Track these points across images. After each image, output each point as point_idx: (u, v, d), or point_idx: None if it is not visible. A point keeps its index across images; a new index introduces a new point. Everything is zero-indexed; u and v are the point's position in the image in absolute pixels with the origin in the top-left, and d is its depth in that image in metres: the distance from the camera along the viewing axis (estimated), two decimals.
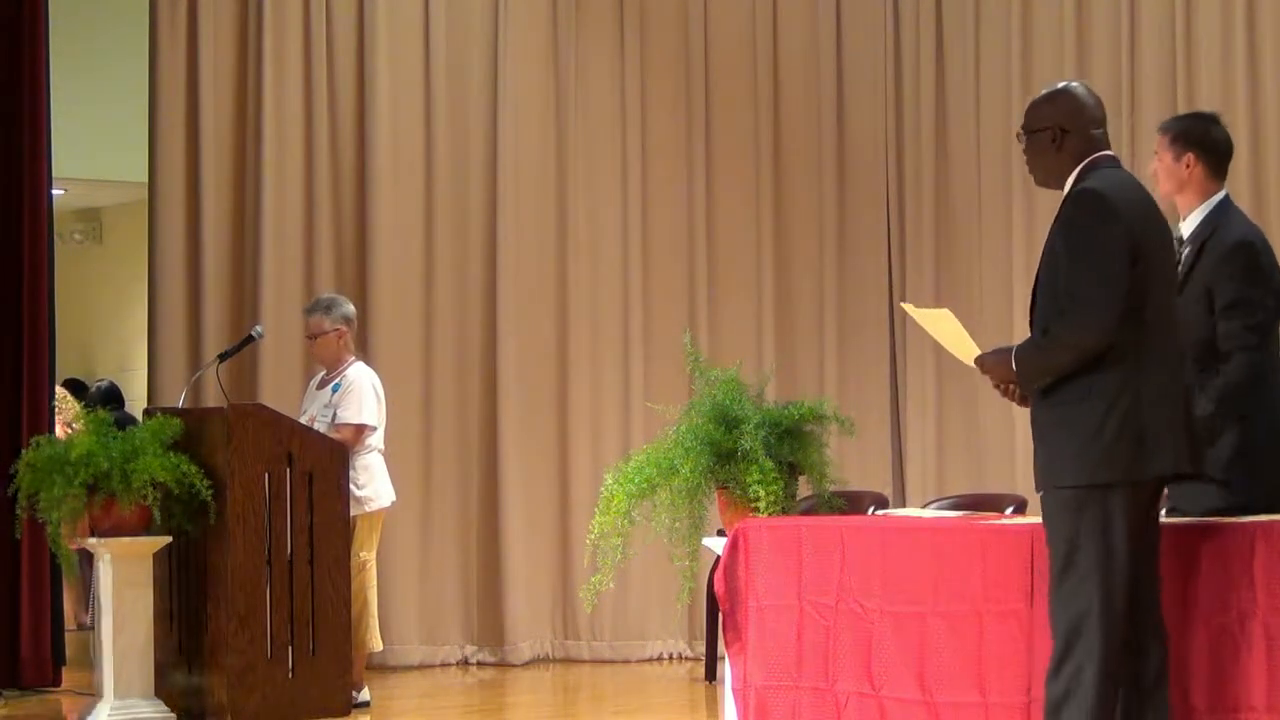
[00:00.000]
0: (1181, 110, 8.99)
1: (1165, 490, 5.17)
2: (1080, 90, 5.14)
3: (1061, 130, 5.04)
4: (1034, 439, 4.97)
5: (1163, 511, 5.57)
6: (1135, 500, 4.84)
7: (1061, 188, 5.08)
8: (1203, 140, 5.65)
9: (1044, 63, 10.62)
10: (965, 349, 5.22)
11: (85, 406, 8.46)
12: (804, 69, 11.15)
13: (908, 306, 5.56)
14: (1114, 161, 5.09)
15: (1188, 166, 5.60)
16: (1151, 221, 4.98)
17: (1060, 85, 5.20)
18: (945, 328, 5.28)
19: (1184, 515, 5.49)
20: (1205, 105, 9.08)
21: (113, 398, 12.68)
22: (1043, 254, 4.99)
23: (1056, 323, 4.86)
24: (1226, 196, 5.67)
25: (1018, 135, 5.18)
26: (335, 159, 10.13)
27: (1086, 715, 4.72)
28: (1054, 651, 4.83)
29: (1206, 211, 5.61)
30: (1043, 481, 4.92)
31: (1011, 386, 5.02)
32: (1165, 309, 4.96)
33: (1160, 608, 4.89)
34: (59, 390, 10.86)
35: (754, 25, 11.05)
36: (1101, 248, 4.84)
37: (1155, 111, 10.10)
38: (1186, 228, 5.65)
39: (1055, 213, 4.97)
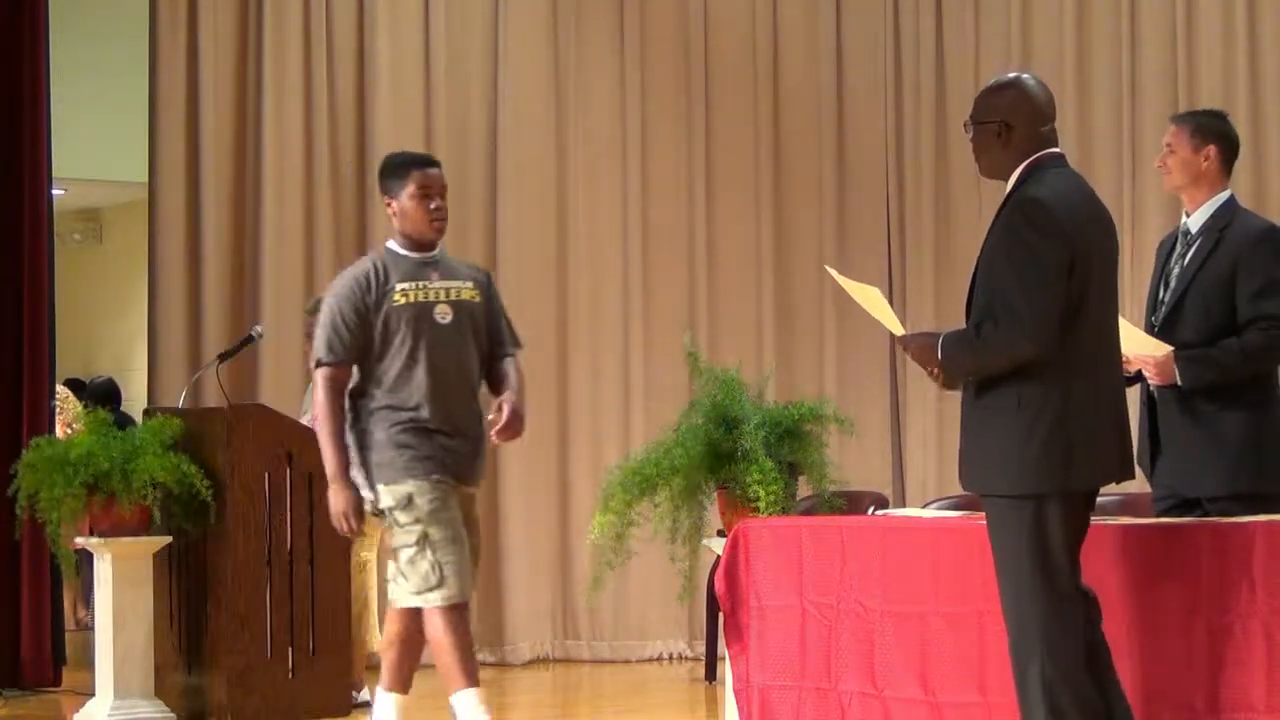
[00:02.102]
0: (1182, 109, 8.99)
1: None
2: (1031, 84, 5.03)
3: (1007, 125, 4.95)
4: (962, 435, 4.96)
5: (1164, 503, 5.60)
6: (1070, 508, 4.83)
7: (1006, 180, 5.01)
8: (1222, 135, 5.66)
9: (1044, 62, 10.62)
10: (891, 324, 5.19)
11: (82, 401, 8.46)
12: (804, 69, 11.14)
13: (834, 272, 5.57)
14: (1060, 160, 5.01)
15: (1206, 159, 5.60)
16: (1095, 228, 4.92)
17: (1010, 77, 5.08)
18: (873, 301, 5.27)
19: (1183, 499, 5.51)
20: (1205, 103, 9.09)
21: (110, 394, 12.67)
22: (983, 250, 4.92)
23: (991, 329, 4.81)
24: (1233, 196, 5.69)
25: (965, 125, 5.08)
26: (335, 159, 10.13)
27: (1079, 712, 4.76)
28: (1014, 660, 4.85)
29: (1216, 206, 5.62)
30: (974, 483, 4.93)
31: (935, 371, 4.98)
32: (1100, 316, 4.90)
33: (1090, 592, 4.91)
34: (61, 390, 10.86)
35: (754, 25, 11.05)
36: (1042, 261, 4.77)
37: (1155, 111, 10.12)
38: (1194, 222, 5.65)
39: (1010, 228, 4.85)
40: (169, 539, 7.87)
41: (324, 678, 8.03)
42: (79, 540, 7.91)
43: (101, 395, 11.61)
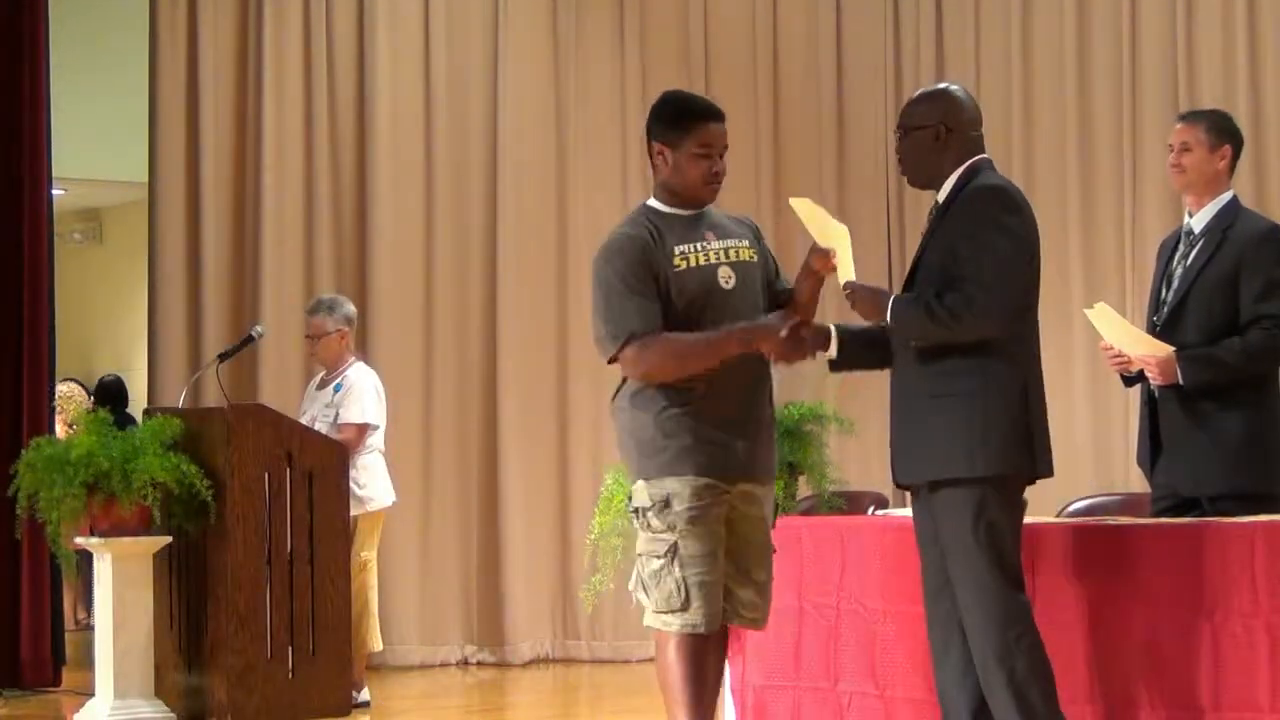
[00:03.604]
0: (1182, 109, 8.99)
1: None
2: (960, 92, 5.22)
3: (945, 129, 5.11)
4: (904, 425, 5.19)
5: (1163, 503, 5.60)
6: (1018, 494, 5.00)
7: (937, 188, 5.14)
8: (1236, 134, 5.69)
9: (1044, 62, 10.63)
10: (845, 270, 5.23)
11: (91, 396, 8.45)
12: (804, 68, 11.15)
13: (796, 203, 5.39)
14: (993, 165, 5.18)
15: (1223, 158, 5.61)
16: (1037, 225, 5.11)
17: (940, 86, 5.30)
18: (837, 239, 5.26)
19: (1183, 499, 5.51)
20: (1206, 103, 9.09)
21: (118, 393, 12.68)
22: (931, 240, 5.08)
23: (957, 300, 4.93)
24: (1236, 195, 5.69)
25: (895, 132, 5.23)
26: (335, 159, 10.13)
27: (1043, 696, 4.85)
28: (978, 650, 4.90)
29: (1220, 206, 5.62)
30: (922, 472, 5.09)
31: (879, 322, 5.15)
32: (1037, 311, 5.12)
33: None
34: (71, 387, 10.87)
35: (754, 25, 11.05)
36: (1016, 245, 4.95)
37: (1155, 111, 10.12)
38: (1198, 222, 5.65)
39: (979, 213, 4.97)
40: (169, 539, 7.87)
41: (324, 678, 8.03)
42: (79, 540, 7.91)
43: (111, 393, 11.61)
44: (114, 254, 15.11)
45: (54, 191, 9.65)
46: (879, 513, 6.80)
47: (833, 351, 5.37)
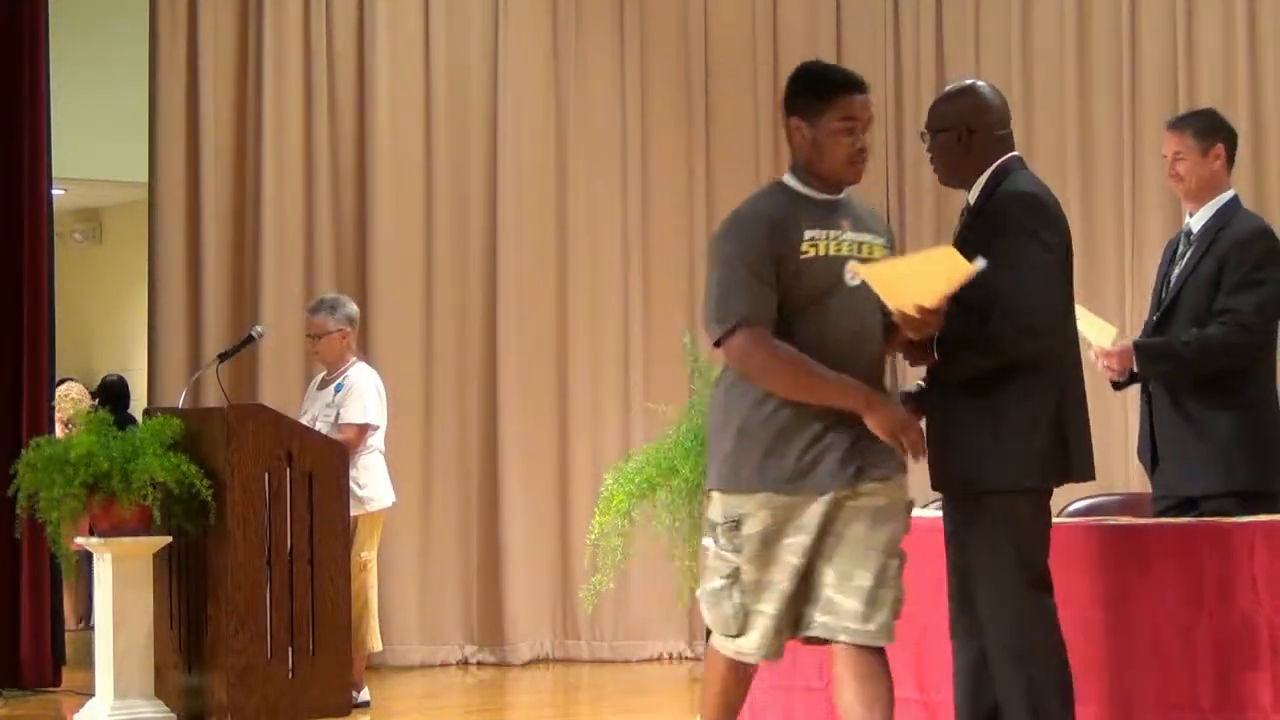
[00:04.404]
0: (1182, 109, 8.99)
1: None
2: (985, 89, 5.09)
3: (968, 130, 5.00)
4: (944, 434, 4.91)
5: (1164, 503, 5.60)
6: (1047, 499, 4.93)
7: (968, 189, 5.03)
8: (1226, 128, 5.67)
9: (1044, 62, 10.62)
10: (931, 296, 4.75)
11: (92, 397, 8.45)
12: None
13: (865, 269, 4.79)
14: (1024, 163, 5.06)
15: (1216, 158, 5.59)
16: (1068, 225, 5.03)
17: (965, 84, 5.16)
18: (911, 296, 4.73)
19: (1181, 499, 5.51)
20: (1206, 103, 9.09)
21: (121, 392, 12.68)
22: (961, 250, 4.79)
23: (999, 323, 4.78)
24: (1236, 195, 5.68)
25: (921, 135, 5.12)
26: (335, 158, 10.13)
27: (1061, 707, 4.80)
28: (997, 660, 4.86)
29: (1218, 206, 5.61)
30: (959, 483, 4.91)
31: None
32: (1073, 319, 5.06)
33: None
34: (73, 386, 10.85)
35: (754, 25, 11.05)
36: (1047, 255, 4.84)
37: (1155, 111, 10.11)
38: (1196, 222, 5.65)
39: (1012, 228, 4.84)
40: (169, 539, 7.86)
41: (324, 678, 8.03)
42: (79, 540, 7.91)
43: (114, 393, 11.61)
44: (114, 254, 15.11)
45: (54, 191, 9.64)
46: None
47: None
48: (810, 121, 4.78)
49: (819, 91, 4.79)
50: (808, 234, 4.71)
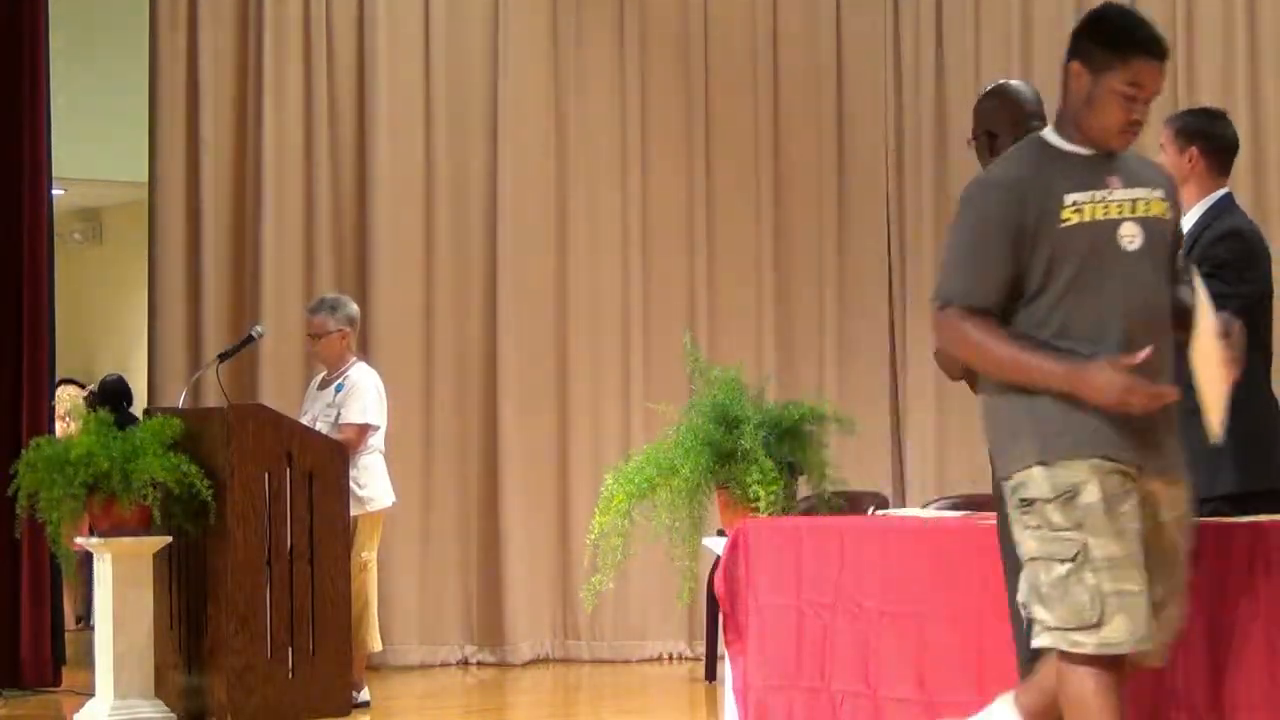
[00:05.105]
0: (1182, 109, 8.98)
1: None
2: (1010, 88, 5.13)
3: (989, 135, 5.05)
4: (986, 423, 4.67)
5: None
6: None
7: None
8: (1207, 135, 5.63)
9: (1044, 63, 10.60)
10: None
11: (92, 397, 8.45)
12: (804, 68, 11.14)
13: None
14: None
15: (1190, 161, 5.58)
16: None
17: (993, 85, 5.20)
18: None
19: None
20: (1206, 103, 9.08)
21: (120, 392, 12.67)
22: None
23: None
24: (1229, 194, 5.65)
25: (968, 142, 5.18)
26: (335, 159, 10.13)
27: None
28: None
29: (1205, 207, 5.60)
30: (997, 469, 4.72)
31: None
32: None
33: None
34: (71, 390, 10.84)
35: (754, 25, 11.05)
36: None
37: (1155, 111, 10.07)
38: (1187, 222, 5.64)
39: None
40: (169, 539, 7.87)
41: (324, 678, 8.03)
42: (79, 540, 7.91)
43: (112, 393, 11.63)
44: (114, 254, 15.12)
45: (54, 191, 9.65)
46: (879, 513, 6.81)
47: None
48: (1094, 74, 4.34)
49: (1115, 44, 4.35)
50: (1068, 199, 4.23)
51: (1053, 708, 4.30)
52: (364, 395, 8.54)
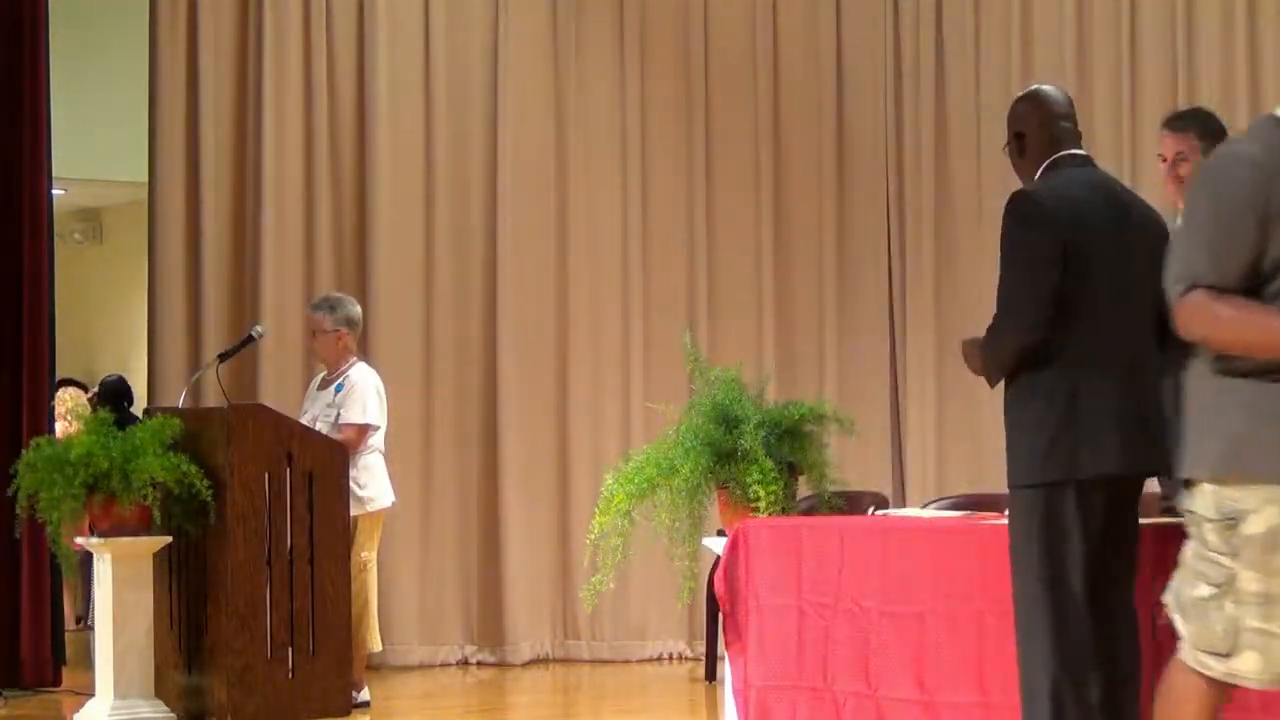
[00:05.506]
0: (1182, 109, 8.98)
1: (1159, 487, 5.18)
2: (1037, 92, 5.21)
3: (1017, 136, 5.14)
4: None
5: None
6: (1087, 499, 4.85)
7: None
8: (1224, 132, 5.65)
9: (1044, 63, 10.62)
10: None
11: (96, 399, 8.45)
12: (804, 69, 11.14)
13: None
14: (1078, 160, 5.10)
15: None
16: (1097, 222, 4.95)
17: (1027, 90, 5.29)
18: None
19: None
20: (1206, 103, 9.08)
21: (120, 392, 12.67)
22: None
23: (992, 324, 4.99)
24: None
25: (1004, 149, 5.24)
26: (335, 159, 10.13)
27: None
28: (1021, 659, 4.86)
29: None
30: (1008, 477, 4.99)
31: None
32: (1109, 311, 4.93)
33: (1130, 604, 4.92)
34: (73, 392, 10.83)
35: (754, 26, 11.05)
36: (1027, 253, 4.93)
37: (1155, 111, 10.10)
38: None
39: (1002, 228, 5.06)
40: (169, 539, 7.87)
41: (324, 678, 8.03)
42: (79, 540, 7.91)
43: (111, 393, 11.63)
44: (114, 254, 15.12)
45: (54, 191, 9.64)
46: (879, 513, 6.80)
47: None
48: None
49: None
50: None
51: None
52: (364, 395, 8.54)
